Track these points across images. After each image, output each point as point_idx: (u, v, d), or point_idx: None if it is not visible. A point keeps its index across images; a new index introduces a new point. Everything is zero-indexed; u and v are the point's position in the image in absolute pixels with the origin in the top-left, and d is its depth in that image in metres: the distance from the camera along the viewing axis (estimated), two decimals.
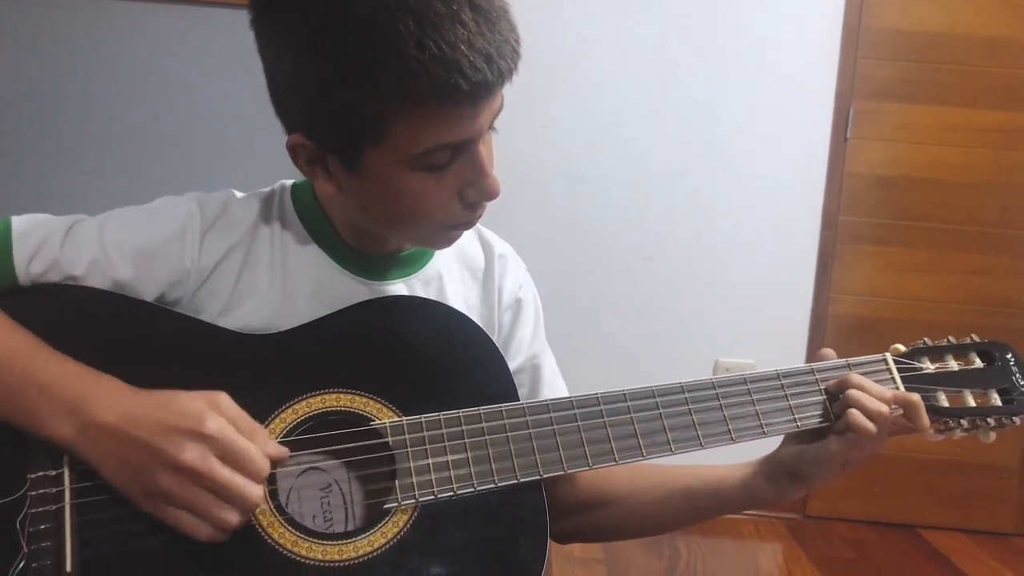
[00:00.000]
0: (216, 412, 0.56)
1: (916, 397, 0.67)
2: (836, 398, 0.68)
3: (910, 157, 2.10)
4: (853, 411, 0.65)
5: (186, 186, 0.73)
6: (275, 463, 0.58)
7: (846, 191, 2.10)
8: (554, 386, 0.79)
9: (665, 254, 2.12)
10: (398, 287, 0.72)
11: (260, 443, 0.57)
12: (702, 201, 2.11)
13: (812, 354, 2.10)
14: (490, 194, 0.63)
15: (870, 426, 0.64)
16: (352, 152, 0.61)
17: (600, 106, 2.08)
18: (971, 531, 2.12)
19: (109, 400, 0.56)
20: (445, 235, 0.68)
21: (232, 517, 0.55)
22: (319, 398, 0.63)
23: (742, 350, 2.13)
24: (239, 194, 0.72)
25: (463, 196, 0.63)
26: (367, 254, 0.71)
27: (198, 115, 2.05)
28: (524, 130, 2.07)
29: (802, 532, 2.07)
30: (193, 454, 0.54)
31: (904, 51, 2.06)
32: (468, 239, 0.78)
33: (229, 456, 0.55)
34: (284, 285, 0.69)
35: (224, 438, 0.55)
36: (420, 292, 0.73)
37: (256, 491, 0.55)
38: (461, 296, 0.76)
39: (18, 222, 0.64)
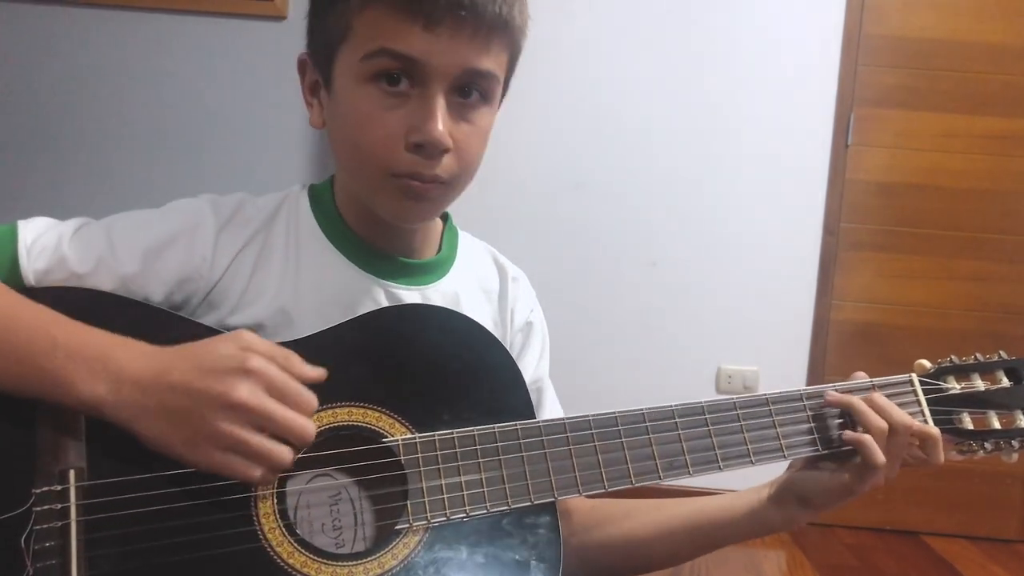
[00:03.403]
0: (251, 350, 0.55)
1: (935, 431, 0.66)
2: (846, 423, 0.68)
3: (911, 164, 2.10)
4: (866, 439, 0.65)
5: (198, 191, 0.72)
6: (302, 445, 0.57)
7: (847, 198, 2.10)
8: (554, 413, 0.78)
9: (668, 260, 2.12)
10: (413, 295, 0.71)
11: (297, 367, 0.57)
12: (704, 207, 2.11)
13: (814, 361, 2.12)
14: (430, 137, 0.60)
15: (880, 457, 0.64)
16: (329, 63, 0.64)
17: (603, 112, 2.09)
18: (975, 538, 2.11)
19: (138, 356, 0.56)
20: (393, 189, 0.64)
21: (287, 454, 0.55)
22: (331, 412, 0.61)
23: (744, 357, 2.13)
24: (252, 197, 0.72)
25: (408, 138, 0.62)
26: (382, 253, 0.71)
27: (210, 123, 2.06)
28: (528, 136, 2.08)
29: (806, 539, 2.07)
30: (245, 391, 0.53)
31: (905, 58, 2.07)
32: (482, 263, 0.79)
33: (278, 391, 0.55)
34: (297, 283, 0.68)
35: (270, 373, 0.55)
36: (437, 303, 0.72)
37: (309, 425, 0.55)
38: (477, 315, 0.74)
39: (24, 223, 0.63)
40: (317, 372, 0.58)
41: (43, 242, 0.62)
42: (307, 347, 0.63)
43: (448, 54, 0.60)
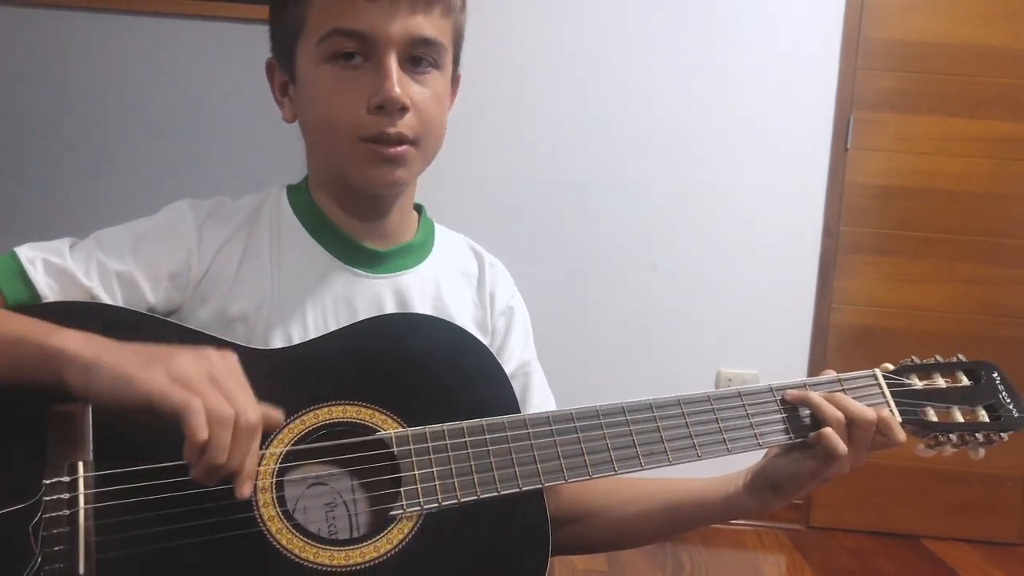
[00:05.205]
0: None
1: (885, 413, 0.69)
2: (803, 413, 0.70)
3: (910, 167, 2.10)
4: (827, 431, 0.67)
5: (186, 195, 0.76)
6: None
7: (846, 201, 2.11)
8: (544, 395, 0.81)
9: (667, 262, 2.13)
10: (395, 280, 0.75)
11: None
12: (704, 210, 2.12)
13: (814, 363, 2.12)
14: (388, 96, 0.66)
15: (842, 447, 0.66)
16: (292, 58, 0.70)
17: (603, 115, 2.10)
18: (975, 541, 2.11)
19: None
20: (364, 154, 0.68)
21: (227, 409, 0.54)
22: (326, 410, 0.64)
23: (743, 360, 2.13)
24: (230, 199, 0.76)
25: (369, 102, 0.66)
26: (359, 242, 0.74)
27: (212, 127, 2.08)
28: (528, 138, 2.09)
29: (805, 543, 2.07)
30: (219, 360, 0.56)
31: (904, 61, 2.08)
32: (459, 250, 0.82)
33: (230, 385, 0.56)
34: (280, 276, 0.72)
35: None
36: (416, 289, 0.75)
37: (250, 414, 0.54)
38: (457, 297, 0.78)
39: (21, 247, 0.67)
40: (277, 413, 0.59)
41: (43, 257, 0.66)
42: (301, 351, 0.67)
43: (393, 22, 0.66)
